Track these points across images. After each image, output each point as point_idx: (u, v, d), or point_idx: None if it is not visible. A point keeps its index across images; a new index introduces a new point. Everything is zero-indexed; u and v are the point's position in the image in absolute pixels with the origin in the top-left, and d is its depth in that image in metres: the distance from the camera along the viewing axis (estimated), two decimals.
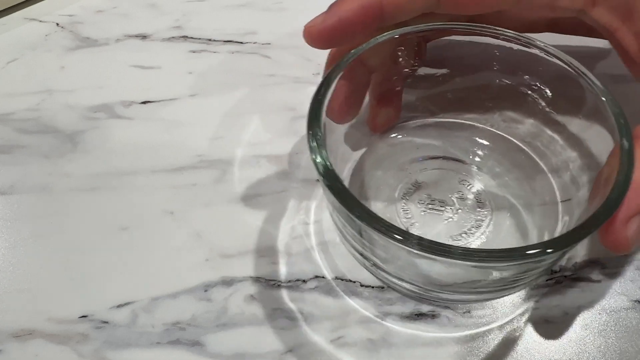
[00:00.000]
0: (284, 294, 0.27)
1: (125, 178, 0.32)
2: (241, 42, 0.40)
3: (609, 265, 0.28)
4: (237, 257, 0.28)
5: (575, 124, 0.27)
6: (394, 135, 0.31)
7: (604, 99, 0.23)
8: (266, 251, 0.28)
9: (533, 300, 0.27)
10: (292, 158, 0.31)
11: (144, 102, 0.36)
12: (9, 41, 0.40)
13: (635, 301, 0.27)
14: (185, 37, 0.40)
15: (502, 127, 0.31)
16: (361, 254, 0.25)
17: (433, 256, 0.20)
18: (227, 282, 0.27)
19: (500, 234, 0.28)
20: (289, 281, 0.27)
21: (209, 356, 0.25)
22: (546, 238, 0.27)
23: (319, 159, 0.22)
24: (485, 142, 0.31)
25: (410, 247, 0.20)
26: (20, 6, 0.43)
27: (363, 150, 0.30)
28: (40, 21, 0.42)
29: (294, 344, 0.25)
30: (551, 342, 0.26)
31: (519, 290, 0.25)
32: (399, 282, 0.24)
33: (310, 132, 0.23)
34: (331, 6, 0.25)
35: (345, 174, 0.29)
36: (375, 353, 0.25)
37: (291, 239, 0.29)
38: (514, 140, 0.30)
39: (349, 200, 0.21)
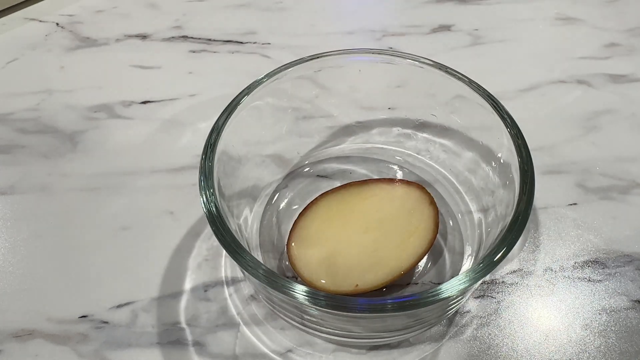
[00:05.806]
0: None
1: (125, 178, 0.32)
2: (241, 42, 0.40)
3: (609, 265, 0.28)
4: None
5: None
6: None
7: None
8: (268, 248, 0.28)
9: (533, 300, 0.27)
10: (294, 157, 0.31)
11: (144, 102, 0.36)
12: (9, 41, 0.40)
13: (635, 301, 0.27)
14: (185, 37, 0.40)
15: None
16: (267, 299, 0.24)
17: (312, 305, 0.19)
18: (227, 282, 0.27)
19: None
20: None
21: (209, 356, 0.25)
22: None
23: (204, 199, 0.21)
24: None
25: (289, 296, 0.19)
26: (20, 6, 0.43)
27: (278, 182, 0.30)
28: (40, 21, 0.42)
29: (293, 344, 0.25)
30: (551, 342, 0.26)
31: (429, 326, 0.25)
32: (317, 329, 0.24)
33: (201, 173, 0.22)
34: None
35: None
36: (375, 353, 0.25)
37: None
38: None
39: (231, 246, 0.20)
